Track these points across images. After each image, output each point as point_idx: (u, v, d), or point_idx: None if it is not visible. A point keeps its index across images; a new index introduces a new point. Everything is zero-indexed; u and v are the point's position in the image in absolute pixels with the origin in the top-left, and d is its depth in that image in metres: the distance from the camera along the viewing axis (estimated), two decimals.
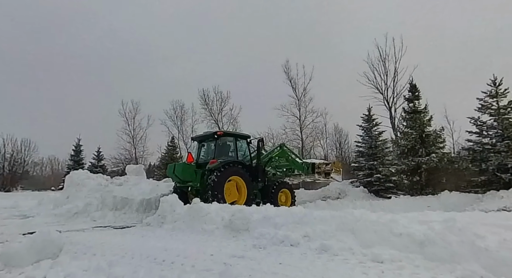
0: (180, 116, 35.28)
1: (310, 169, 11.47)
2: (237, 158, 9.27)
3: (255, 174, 9.42)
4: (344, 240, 3.82)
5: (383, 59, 22.76)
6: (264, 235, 4.33)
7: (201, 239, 4.70)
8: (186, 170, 8.64)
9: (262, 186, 9.76)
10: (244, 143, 10.08)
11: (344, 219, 4.31)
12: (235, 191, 8.61)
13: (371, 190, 14.43)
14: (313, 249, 3.69)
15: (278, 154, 10.97)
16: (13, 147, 32.35)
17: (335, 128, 30.23)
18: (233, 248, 3.95)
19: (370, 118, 16.24)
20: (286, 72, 28.96)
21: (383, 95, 22.56)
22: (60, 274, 2.90)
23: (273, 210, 5.28)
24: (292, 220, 4.68)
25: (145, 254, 3.74)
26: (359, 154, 16.12)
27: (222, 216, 5.34)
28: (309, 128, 28.83)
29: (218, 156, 8.97)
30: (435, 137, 14.26)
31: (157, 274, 2.92)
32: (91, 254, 3.85)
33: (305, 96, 28.61)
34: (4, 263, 3.22)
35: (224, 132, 9.62)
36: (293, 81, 28.79)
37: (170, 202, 6.36)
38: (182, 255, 3.62)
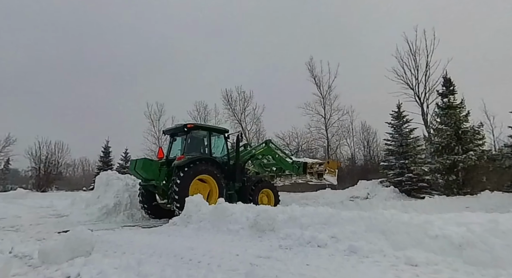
0: (203, 117, 35.96)
1: (301, 169, 10.65)
2: (210, 154, 8.42)
3: (233, 172, 8.65)
4: (374, 242, 3.71)
5: (413, 53, 21.75)
6: (290, 236, 4.31)
7: (226, 239, 4.76)
8: (148, 166, 7.80)
9: (240, 186, 8.89)
10: (220, 138, 9.16)
11: (374, 219, 4.18)
12: (205, 192, 7.77)
13: (402, 190, 13.90)
14: (342, 250, 3.62)
15: (262, 151, 10.11)
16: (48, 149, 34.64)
17: (363, 126, 29.37)
18: (259, 249, 3.96)
19: (400, 115, 15.64)
20: (310, 70, 28.65)
21: (414, 90, 21.58)
22: (93, 271, 3.05)
23: (298, 210, 5.23)
24: (319, 221, 4.62)
25: (172, 253, 3.85)
26: (389, 152, 15.58)
27: (247, 216, 5.37)
28: (335, 126, 28.27)
29: (188, 152, 8.11)
30: (473, 133, 13.45)
31: (184, 273, 3.00)
32: (121, 252, 4.03)
33: (330, 94, 28.14)
34: (42, 260, 3.44)
35: (195, 125, 8.62)
36: (318, 79, 28.41)
37: (195, 202, 6.50)
38: (208, 254, 3.69)
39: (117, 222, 8.03)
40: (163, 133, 9.11)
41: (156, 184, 7.89)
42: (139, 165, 7.71)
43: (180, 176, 7.32)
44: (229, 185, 8.49)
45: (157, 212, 8.34)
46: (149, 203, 8.37)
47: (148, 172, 7.76)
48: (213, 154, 8.64)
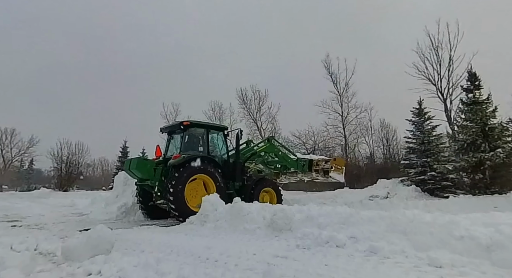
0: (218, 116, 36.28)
1: (306, 166, 10.30)
2: (207, 153, 8.14)
3: (233, 171, 8.36)
4: (396, 242, 3.62)
5: (435, 48, 21.08)
6: (308, 235, 4.28)
7: (243, 238, 4.78)
8: (142, 166, 7.57)
9: (240, 186, 8.55)
10: (219, 135, 8.88)
11: (394, 219, 4.09)
12: (203, 193, 7.51)
13: (424, 189, 13.49)
14: (361, 251, 3.56)
15: (264, 148, 9.84)
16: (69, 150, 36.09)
17: (381, 124, 28.66)
18: (276, 248, 3.96)
19: (421, 111, 15.17)
20: (326, 67, 28.35)
21: (436, 86, 20.93)
22: (113, 269, 3.14)
23: (316, 209, 5.19)
24: (337, 220, 4.56)
25: (190, 252, 3.91)
26: (410, 150, 15.16)
27: (263, 215, 5.38)
28: (353, 124, 27.86)
29: (185, 150, 7.91)
30: (501, 130, 12.85)
31: (201, 271, 3.04)
32: (139, 250, 4.13)
33: (347, 92, 27.76)
34: (65, 257, 3.58)
35: (192, 122, 8.25)
36: (334, 76, 28.09)
37: (211, 201, 6.58)
38: (225, 253, 3.72)
39: (135, 221, 8.25)
40: (160, 131, 8.86)
41: (151, 184, 7.69)
42: (133, 164, 7.51)
43: (175, 175, 7.07)
44: (229, 184, 8.22)
45: (154, 213, 8.17)
46: (146, 203, 8.24)
47: (143, 171, 7.52)
48: (211, 152, 8.41)
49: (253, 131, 33.71)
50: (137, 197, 8.35)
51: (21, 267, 3.05)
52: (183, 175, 7.11)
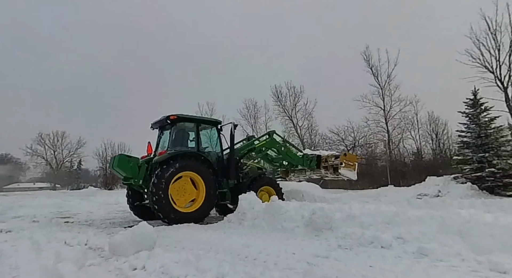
0: (253, 114, 36.66)
1: (314, 163, 9.53)
2: (197, 149, 7.66)
3: (227, 168, 7.95)
4: (450, 244, 3.38)
5: (493, 32, 19.06)
6: (350, 235, 4.16)
7: (281, 237, 4.78)
8: (125, 163, 7.21)
9: (235, 184, 8.08)
10: (212, 130, 8.45)
11: (448, 219, 3.82)
12: (191, 192, 7.16)
13: (482, 187, 12.40)
14: (410, 252, 3.37)
15: (265, 143, 9.19)
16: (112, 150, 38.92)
17: (430, 117, 26.88)
18: (316, 248, 3.90)
19: (477, 102, 13.90)
20: (366, 59, 27.31)
21: (494, 74, 18.96)
22: (156, 264, 3.31)
23: (358, 208, 5.02)
24: (382, 220, 4.38)
25: (228, 250, 4.00)
26: (464, 145, 14.01)
27: (302, 214, 5.33)
28: (396, 119, 26.50)
29: (173, 146, 7.52)
30: None
31: (241, 269, 3.08)
32: (180, 247, 4.31)
33: (389, 84, 26.50)
34: (112, 252, 3.85)
35: (179, 116, 7.69)
36: (375, 69, 26.96)
37: (248, 199, 6.66)
38: (264, 252, 3.74)
39: None
40: (151, 127, 8.42)
41: (134, 183, 7.35)
42: (115, 162, 7.19)
43: (158, 173, 6.69)
44: (223, 183, 7.85)
45: (143, 213, 7.77)
46: (134, 202, 8.09)
47: (126, 169, 7.17)
48: (203, 148, 8.02)
49: (288, 129, 33.53)
50: (126, 196, 8.23)
51: (74, 260, 3.35)
52: (167, 172, 6.70)
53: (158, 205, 6.48)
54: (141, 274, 3.04)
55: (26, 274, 3.16)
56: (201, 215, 7.10)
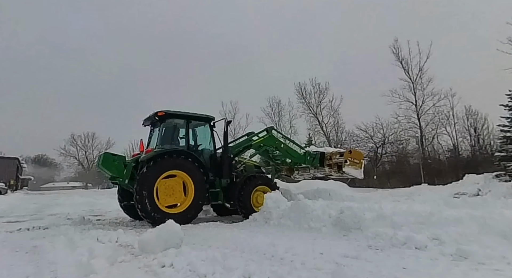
0: (277, 112, 36.61)
1: (317, 160, 9.14)
2: (187, 146, 7.45)
3: (220, 167, 7.62)
4: (493, 246, 3.19)
5: None
6: (381, 235, 4.05)
7: (308, 236, 4.74)
8: (110, 162, 6.99)
9: (228, 183, 7.76)
10: (205, 127, 8.10)
11: (490, 220, 3.61)
12: (179, 192, 6.87)
13: None
14: (447, 254, 3.22)
15: (262, 140, 8.78)
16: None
17: (467, 112, 25.37)
18: (345, 248, 3.83)
19: None
20: (395, 53, 26.47)
21: None
22: (184, 262, 3.39)
23: (389, 207, 4.87)
24: (415, 220, 4.22)
25: (254, 249, 4.03)
26: (507, 140, 13.16)
27: (329, 214, 5.26)
28: (430, 114, 25.39)
29: (161, 144, 7.32)
30: None
31: (267, 269, 3.09)
32: (207, 246, 4.39)
33: (421, 78, 25.47)
34: (141, 249, 3.99)
35: (168, 112, 7.39)
36: (405, 62, 26.02)
37: (274, 198, 6.66)
38: (291, 251, 3.73)
39: (200, 217, 8.78)
40: (143, 124, 8.22)
41: (119, 182, 7.25)
42: (100, 160, 7.05)
43: (143, 172, 6.51)
44: (215, 182, 7.59)
45: (133, 212, 7.44)
46: (124, 202, 8.02)
47: (111, 168, 6.98)
48: (194, 145, 7.84)
49: (314, 127, 33.15)
50: (117, 195, 8.18)
51: (106, 257, 3.51)
52: (152, 171, 6.52)
53: (142, 205, 6.30)
54: (170, 271, 3.12)
55: (63, 268, 3.36)
56: (189, 216, 6.75)
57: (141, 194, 6.36)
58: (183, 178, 6.90)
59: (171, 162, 6.77)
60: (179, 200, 6.81)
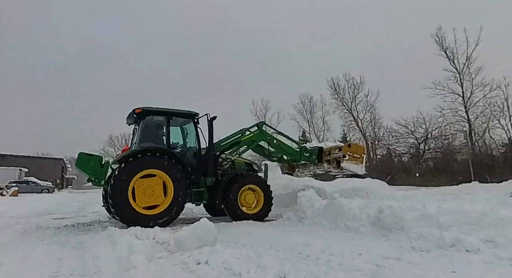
0: (309, 109, 36.20)
1: (314, 156, 8.68)
2: (167, 144, 7.19)
3: (204, 165, 7.36)
4: None
5: None
6: (426, 236, 3.85)
7: (345, 236, 4.65)
8: (85, 162, 6.82)
9: (214, 182, 7.44)
10: (188, 123, 7.84)
11: None
12: (159, 192, 6.60)
13: None
14: (504, 258, 2.98)
15: (252, 136, 8.37)
16: None
17: None
18: (385, 249, 3.70)
19: None
20: (438, 42, 25.01)
21: None
22: (218, 260, 3.45)
23: (434, 207, 4.61)
24: (465, 220, 3.96)
25: (289, 248, 4.01)
26: None
27: (367, 213, 5.11)
28: (480, 106, 23.60)
29: (140, 142, 7.11)
30: None
31: (303, 268, 3.06)
32: (241, 244, 4.46)
33: (469, 67, 23.78)
34: (177, 246, 4.13)
35: (145, 109, 7.14)
36: (450, 51, 24.47)
37: (307, 197, 6.60)
38: (327, 251, 3.67)
39: None
40: (126, 122, 8.00)
41: (94, 183, 7.03)
42: (76, 161, 6.95)
43: (118, 172, 6.32)
44: (200, 181, 7.34)
45: None
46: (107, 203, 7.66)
47: (87, 169, 6.83)
48: (176, 143, 7.62)
49: (348, 123, 32.32)
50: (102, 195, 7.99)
51: (144, 253, 3.68)
52: (126, 171, 6.34)
53: (116, 206, 6.17)
54: (205, 269, 3.21)
55: (106, 263, 3.58)
56: (167, 217, 6.49)
57: (115, 195, 6.17)
58: (162, 177, 6.64)
59: (147, 160, 6.53)
60: (159, 200, 6.51)
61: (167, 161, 6.69)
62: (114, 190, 6.20)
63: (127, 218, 6.17)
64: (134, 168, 6.38)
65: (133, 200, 6.27)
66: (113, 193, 6.20)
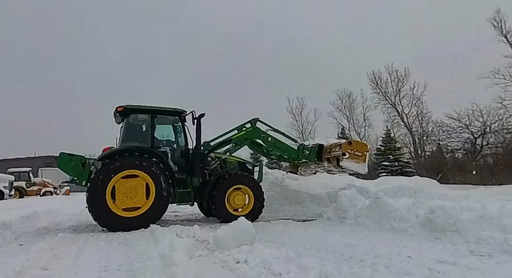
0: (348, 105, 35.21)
1: (313, 154, 8.29)
2: (151, 144, 6.98)
3: (191, 164, 7.18)
4: None
5: None
6: (486, 240, 3.56)
7: (392, 237, 4.46)
8: (66, 163, 6.74)
9: (201, 182, 7.24)
10: (175, 121, 7.65)
11: None
12: (141, 194, 6.41)
13: None
14: None
15: (245, 134, 8.16)
16: None
17: None
18: (438, 252, 3.48)
19: None
20: (496, 26, 22.82)
21: None
22: (257, 259, 3.47)
23: (495, 207, 4.25)
24: None
25: (330, 249, 3.93)
26: None
27: (416, 213, 4.85)
28: None
29: (123, 142, 7.02)
30: None
31: (346, 270, 2.96)
32: (280, 244, 4.44)
33: None
34: (216, 244, 4.22)
35: (127, 107, 7.00)
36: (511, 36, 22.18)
37: (349, 196, 6.43)
38: (372, 253, 3.54)
39: (271, 214, 8.93)
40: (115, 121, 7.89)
41: (76, 184, 6.99)
42: (57, 160, 6.92)
43: (97, 172, 6.26)
44: (186, 181, 7.18)
45: None
46: None
47: (68, 169, 6.78)
48: (161, 142, 7.53)
49: (392, 118, 30.86)
50: None
51: (185, 251, 3.81)
52: (106, 171, 6.22)
53: (93, 207, 6.09)
54: (244, 268, 3.24)
55: (149, 260, 3.76)
56: (148, 220, 6.30)
57: (92, 195, 6.08)
58: (145, 179, 6.49)
59: (126, 161, 6.38)
60: (140, 202, 6.36)
61: (147, 160, 6.51)
62: (90, 192, 6.12)
63: (105, 220, 6.11)
64: (112, 169, 6.22)
65: (112, 202, 6.15)
66: (90, 194, 6.12)
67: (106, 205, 6.06)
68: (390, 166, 26.46)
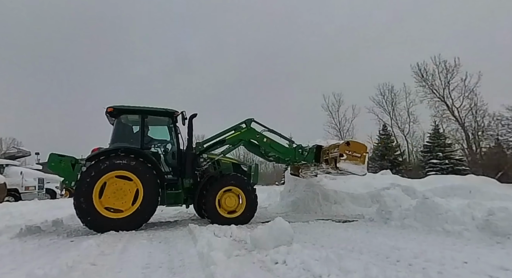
0: (390, 100, 33.83)
1: (310, 155, 8.08)
2: (141, 144, 7.00)
3: (182, 165, 7.15)
4: None
5: None
6: None
7: (444, 241, 4.21)
8: (56, 163, 6.77)
9: (192, 183, 7.21)
10: (166, 122, 7.65)
11: None
12: (129, 198, 6.39)
13: None
14: None
15: (239, 135, 7.97)
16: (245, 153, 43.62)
17: None
18: (501, 258, 3.22)
19: None
20: None
21: None
22: (296, 260, 3.43)
23: None
24: None
25: (374, 251, 3.78)
26: None
27: (472, 215, 4.53)
28: None
29: (113, 142, 7.06)
30: None
31: (392, 274, 2.83)
32: (319, 245, 4.36)
33: None
34: (253, 244, 4.24)
35: (116, 108, 7.05)
36: None
37: (393, 196, 6.17)
38: (422, 257, 3.36)
39: (309, 214, 8.82)
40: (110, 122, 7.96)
41: (66, 185, 7.08)
42: (48, 161, 6.95)
43: (84, 173, 6.25)
44: (177, 182, 7.16)
45: None
46: None
47: (58, 169, 6.84)
48: (151, 143, 7.49)
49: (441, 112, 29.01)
50: None
51: (223, 250, 3.86)
52: (92, 172, 6.25)
53: (79, 208, 6.10)
54: (283, 268, 3.21)
55: (189, 258, 3.88)
56: (135, 221, 6.36)
57: (78, 196, 6.13)
58: (133, 179, 6.50)
59: (115, 161, 6.43)
60: (125, 206, 6.38)
61: (134, 161, 6.53)
62: (78, 191, 6.19)
63: (90, 221, 6.15)
64: (97, 170, 6.27)
65: (98, 201, 6.21)
66: (76, 194, 6.20)
67: (92, 205, 6.12)
68: (440, 164, 25.00)
